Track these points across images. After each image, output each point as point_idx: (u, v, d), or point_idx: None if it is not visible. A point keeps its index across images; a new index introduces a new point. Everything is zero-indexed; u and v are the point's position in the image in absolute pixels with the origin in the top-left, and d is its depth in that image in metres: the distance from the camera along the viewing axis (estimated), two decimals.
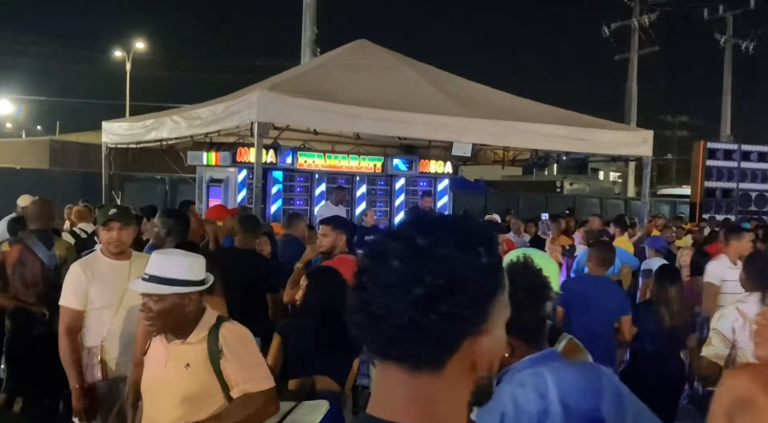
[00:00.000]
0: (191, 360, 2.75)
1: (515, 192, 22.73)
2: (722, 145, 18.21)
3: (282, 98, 8.28)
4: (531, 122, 9.71)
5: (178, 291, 2.70)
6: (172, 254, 2.85)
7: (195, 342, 2.77)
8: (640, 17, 26.31)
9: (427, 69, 11.01)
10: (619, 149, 10.75)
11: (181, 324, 2.76)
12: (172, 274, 2.71)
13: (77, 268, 3.98)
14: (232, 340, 2.76)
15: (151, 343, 2.94)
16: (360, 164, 12.25)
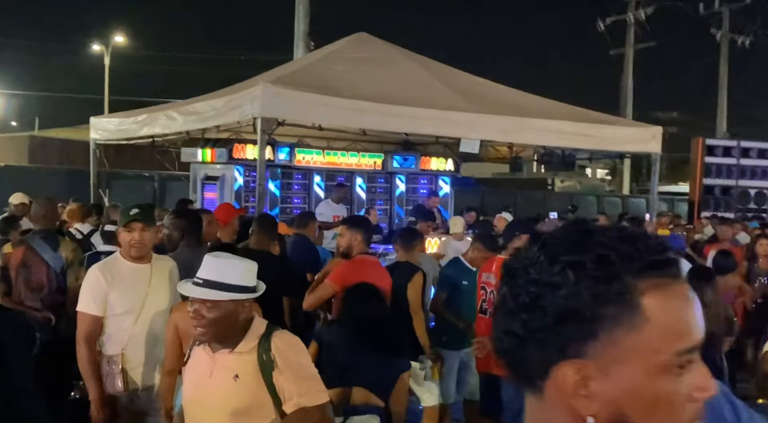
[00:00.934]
0: (240, 371, 2.60)
1: (509, 190, 22.68)
2: (721, 142, 18.27)
3: (287, 92, 8.11)
4: (539, 118, 9.61)
5: (236, 297, 2.56)
6: (228, 258, 2.71)
7: (245, 352, 2.62)
8: (636, 11, 26.38)
9: (430, 63, 10.88)
10: (628, 146, 10.67)
11: (231, 332, 2.61)
12: (229, 279, 2.57)
13: (96, 272, 3.83)
14: (286, 351, 2.61)
15: (191, 351, 2.78)
16: (360, 161, 12.11)
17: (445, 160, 12.61)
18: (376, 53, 10.35)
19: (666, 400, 0.90)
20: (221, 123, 9.12)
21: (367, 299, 3.60)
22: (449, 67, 11.06)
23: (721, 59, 28.32)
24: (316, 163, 11.68)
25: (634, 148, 10.83)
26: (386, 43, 11.03)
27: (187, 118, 9.57)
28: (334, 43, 11.16)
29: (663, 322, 0.90)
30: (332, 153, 11.83)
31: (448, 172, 12.80)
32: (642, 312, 0.89)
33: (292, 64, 11.44)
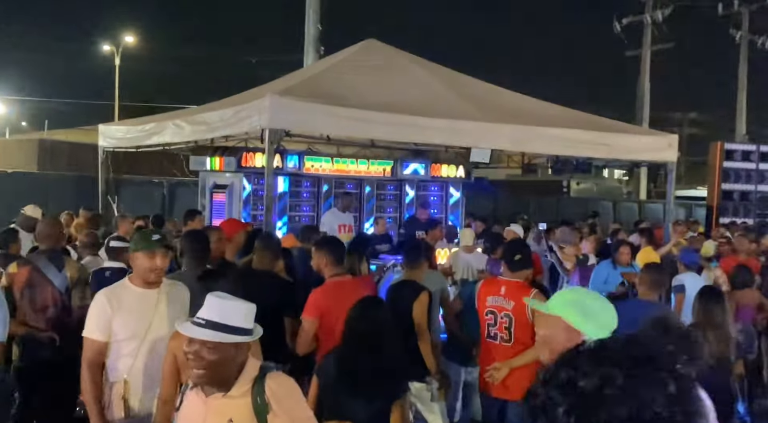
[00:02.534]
0: (234, 415, 2.59)
1: (523, 193, 22.59)
2: (740, 146, 18.16)
3: (294, 103, 8.10)
4: (552, 126, 9.56)
5: (238, 340, 2.56)
6: (230, 300, 2.68)
7: (238, 395, 2.60)
8: (653, 12, 26.21)
9: (440, 70, 10.85)
10: (643, 155, 10.60)
11: (226, 375, 2.61)
12: (231, 321, 2.56)
13: (102, 298, 3.84)
14: (280, 393, 2.61)
15: (183, 396, 2.78)
16: (369, 168, 12.09)
17: (455, 167, 12.57)
18: (385, 61, 10.34)
19: None
20: (229, 133, 9.13)
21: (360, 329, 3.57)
22: (459, 74, 11.02)
23: (740, 60, 28.10)
24: (325, 170, 11.67)
25: (650, 157, 10.76)
26: (396, 50, 11.01)
27: (195, 127, 9.59)
28: (343, 51, 11.15)
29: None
30: (341, 160, 11.82)
31: (459, 178, 12.75)
32: None
33: (300, 73, 11.45)
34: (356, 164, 11.99)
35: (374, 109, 8.51)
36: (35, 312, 5.02)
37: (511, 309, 4.76)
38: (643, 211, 21.64)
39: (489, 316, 4.84)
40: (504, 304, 4.79)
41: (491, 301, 4.83)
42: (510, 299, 4.77)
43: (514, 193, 22.91)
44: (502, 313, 4.79)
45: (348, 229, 10.70)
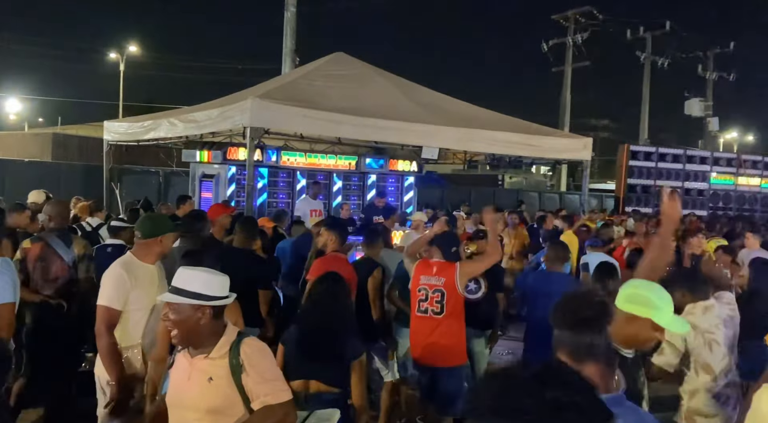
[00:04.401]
0: (214, 374, 2.51)
1: (465, 185, 22.66)
2: (643, 148, 18.45)
3: (272, 105, 7.97)
4: (489, 129, 9.58)
5: (188, 302, 2.48)
6: (194, 269, 2.62)
7: (217, 357, 2.53)
8: (574, 35, 26.39)
9: (398, 80, 10.78)
10: (563, 154, 10.70)
11: (197, 336, 2.52)
12: (188, 286, 2.50)
13: (122, 272, 3.66)
14: (252, 355, 2.52)
15: (175, 357, 2.69)
16: (337, 162, 11.98)
17: (410, 162, 12.53)
18: (351, 71, 10.23)
19: None
20: (216, 130, 8.95)
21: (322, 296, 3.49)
22: (414, 84, 10.97)
23: (644, 76, 28.52)
24: (299, 164, 11.52)
25: (569, 156, 10.86)
26: (360, 62, 10.90)
27: (186, 125, 9.39)
28: (314, 62, 11.01)
29: None
30: (313, 155, 11.69)
31: (413, 172, 12.73)
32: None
33: (278, 80, 11.25)
34: (326, 159, 11.87)
35: (341, 112, 8.42)
36: (46, 282, 4.84)
37: (442, 285, 4.63)
38: (563, 201, 21.88)
39: (421, 292, 4.65)
40: (435, 282, 4.64)
41: (423, 279, 4.65)
42: (441, 276, 4.65)
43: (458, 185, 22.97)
44: (433, 289, 4.63)
45: (318, 213, 10.58)
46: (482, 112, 10.64)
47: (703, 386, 3.67)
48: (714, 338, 3.67)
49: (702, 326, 3.69)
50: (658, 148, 17.90)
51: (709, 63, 29.74)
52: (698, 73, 29.78)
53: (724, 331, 3.67)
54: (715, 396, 3.60)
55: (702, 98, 29.29)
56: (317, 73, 10.00)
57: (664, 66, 28.16)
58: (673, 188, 3.46)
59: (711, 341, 3.67)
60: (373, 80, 10.18)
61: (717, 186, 17.83)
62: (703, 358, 3.67)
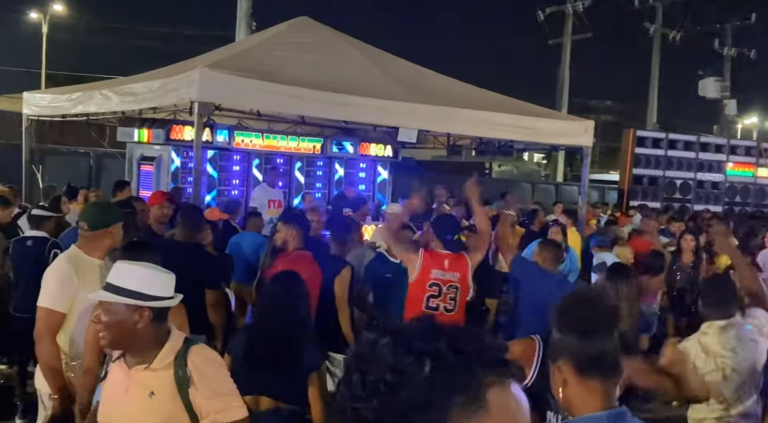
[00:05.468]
0: (156, 388, 2.49)
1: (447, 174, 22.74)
2: (651, 134, 18.71)
3: (225, 76, 7.87)
4: (476, 109, 9.61)
5: (124, 302, 2.46)
6: (133, 264, 2.60)
7: (160, 368, 2.51)
8: (575, 3, 26.65)
9: (371, 50, 10.74)
10: (560, 139, 10.79)
11: (132, 342, 2.51)
12: (125, 283, 2.48)
13: (68, 268, 3.62)
14: (202, 366, 2.51)
15: (108, 368, 2.67)
16: (299, 145, 11.96)
17: (384, 146, 12.55)
18: (317, 39, 10.17)
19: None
20: (157, 105, 8.85)
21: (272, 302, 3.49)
22: (389, 55, 10.95)
23: (653, 52, 28.91)
24: (255, 145, 11.47)
25: (567, 141, 10.95)
26: (328, 29, 10.84)
27: (122, 98, 9.25)
28: (275, 27, 10.92)
29: (499, 418, 0.92)
30: (271, 136, 11.64)
31: (387, 158, 12.74)
32: (485, 405, 0.91)
33: (231, 47, 11.15)
34: (286, 140, 11.83)
35: (305, 86, 8.36)
36: None
37: (457, 280, 4.80)
38: (560, 193, 22.12)
39: (433, 287, 4.80)
40: (450, 277, 4.81)
41: (436, 274, 4.80)
42: (455, 271, 4.81)
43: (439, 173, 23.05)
44: (447, 285, 4.79)
45: (277, 204, 10.56)
46: (468, 90, 10.67)
47: (711, 415, 3.74)
48: (729, 364, 3.70)
49: (714, 349, 3.73)
50: (668, 134, 18.19)
51: (727, 37, 30.23)
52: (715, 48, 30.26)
53: (742, 355, 3.71)
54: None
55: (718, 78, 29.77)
56: (277, 41, 9.93)
57: (676, 40, 28.56)
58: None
59: (724, 367, 3.71)
60: (342, 50, 10.14)
61: (734, 178, 18.17)
62: (715, 385, 3.71)
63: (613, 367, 1.98)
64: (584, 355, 1.94)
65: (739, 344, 3.73)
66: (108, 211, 4.01)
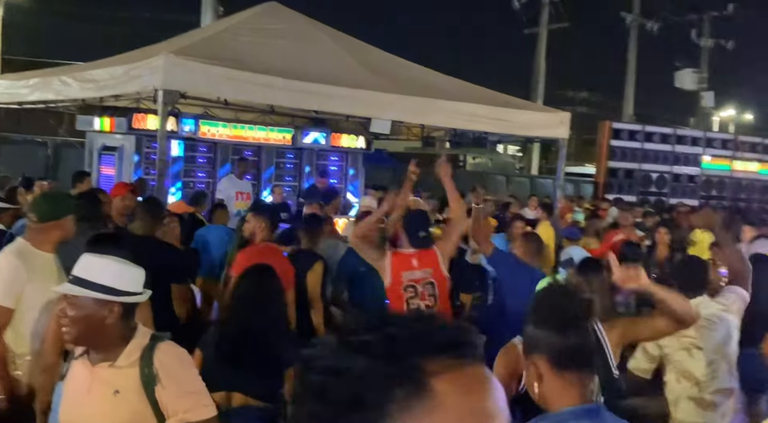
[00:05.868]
0: (121, 386, 2.48)
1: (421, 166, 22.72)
2: (627, 126, 18.94)
3: (190, 64, 7.79)
4: (451, 100, 9.64)
5: (94, 296, 2.43)
6: (103, 258, 2.58)
7: (125, 365, 2.49)
8: None
9: (343, 38, 10.71)
10: (536, 131, 10.89)
11: (99, 338, 2.49)
12: (94, 277, 2.45)
13: (16, 261, 3.56)
14: (169, 364, 2.50)
15: (70, 365, 2.64)
16: (268, 135, 11.89)
17: (356, 137, 12.54)
18: (287, 25, 10.11)
19: None
20: (120, 93, 8.73)
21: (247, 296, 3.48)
22: (362, 43, 10.92)
23: (630, 43, 29.20)
24: (221, 135, 11.39)
25: (543, 133, 11.06)
26: (299, 15, 10.78)
27: (83, 85, 9.12)
28: (242, 12, 10.83)
29: (454, 406, 0.84)
30: (239, 126, 11.56)
31: (359, 149, 12.73)
32: (432, 395, 0.84)
33: (196, 33, 11.03)
34: (255, 131, 11.77)
35: (274, 75, 8.31)
36: None
37: (431, 276, 4.80)
38: (534, 186, 22.30)
39: (409, 290, 4.77)
40: (422, 275, 4.79)
41: (407, 275, 4.77)
42: (426, 267, 4.80)
43: None
44: (422, 283, 4.79)
45: (245, 196, 10.51)
46: (443, 80, 10.70)
47: (684, 394, 3.87)
48: (693, 342, 3.83)
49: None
50: (644, 127, 18.44)
51: (705, 28, 30.66)
52: (692, 39, 30.67)
53: (706, 333, 3.82)
54: (699, 404, 3.79)
55: (696, 69, 30.21)
56: (245, 27, 9.85)
57: (653, 30, 28.88)
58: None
59: (690, 345, 3.83)
60: (313, 38, 10.10)
61: (710, 171, 18.48)
62: (682, 364, 3.85)
63: (589, 360, 2.02)
64: (560, 349, 1.97)
65: (703, 324, 3.84)
66: (59, 202, 3.95)
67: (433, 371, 0.85)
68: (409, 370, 0.85)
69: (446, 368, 0.86)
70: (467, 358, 0.88)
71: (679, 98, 33.13)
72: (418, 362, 0.85)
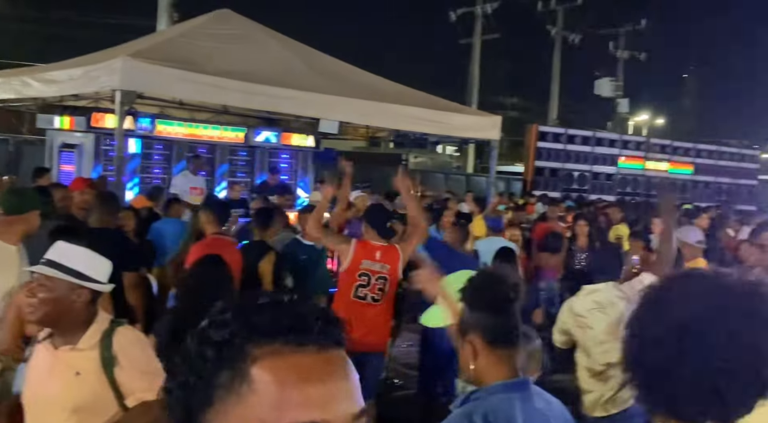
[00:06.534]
0: (82, 367, 2.43)
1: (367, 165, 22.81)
2: (552, 129, 19.29)
3: (146, 66, 7.65)
4: (394, 103, 9.69)
5: (68, 279, 2.40)
6: (75, 246, 2.55)
7: (86, 348, 2.45)
8: (484, 5, 27.08)
9: (292, 44, 10.63)
10: (470, 133, 11.02)
11: (63, 321, 2.43)
12: (70, 263, 2.42)
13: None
14: (128, 347, 2.46)
15: (32, 349, 2.57)
16: (222, 134, 11.71)
17: (306, 136, 12.46)
18: (239, 31, 9.98)
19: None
20: (79, 92, 8.52)
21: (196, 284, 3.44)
22: (311, 49, 10.86)
23: (555, 53, 29.76)
24: (177, 134, 11.16)
25: (477, 135, 11.19)
26: (250, 21, 10.66)
27: (43, 85, 8.86)
28: (197, 18, 10.65)
29: (270, 392, 0.79)
30: (194, 125, 11.36)
31: (309, 148, 12.68)
32: (249, 381, 0.79)
33: (152, 37, 10.80)
34: (209, 129, 11.58)
35: (227, 77, 8.22)
36: None
37: (387, 272, 4.77)
38: (470, 183, 22.56)
39: (362, 277, 4.75)
40: (380, 269, 4.76)
41: (366, 264, 4.75)
42: (386, 263, 4.78)
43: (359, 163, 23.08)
44: (377, 276, 4.75)
45: (199, 191, 10.33)
46: (386, 85, 10.73)
47: (582, 364, 4.10)
48: (586, 323, 4.04)
49: (575, 309, 4.14)
50: (567, 130, 18.80)
51: (621, 41, 31.48)
52: (609, 51, 31.46)
53: (599, 316, 4.00)
54: (592, 374, 4.00)
55: (612, 78, 30.99)
56: (199, 32, 9.68)
57: (575, 42, 29.50)
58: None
59: (583, 325, 4.06)
60: (264, 43, 10.00)
61: (625, 170, 18.98)
62: (579, 340, 4.10)
63: (518, 337, 2.07)
64: (495, 328, 2.02)
65: (596, 307, 4.03)
66: (24, 197, 3.86)
67: (255, 357, 0.80)
68: (233, 356, 0.80)
69: (270, 354, 0.80)
70: (304, 344, 0.81)
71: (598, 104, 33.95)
72: (244, 348, 0.80)
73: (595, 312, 4.02)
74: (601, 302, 4.03)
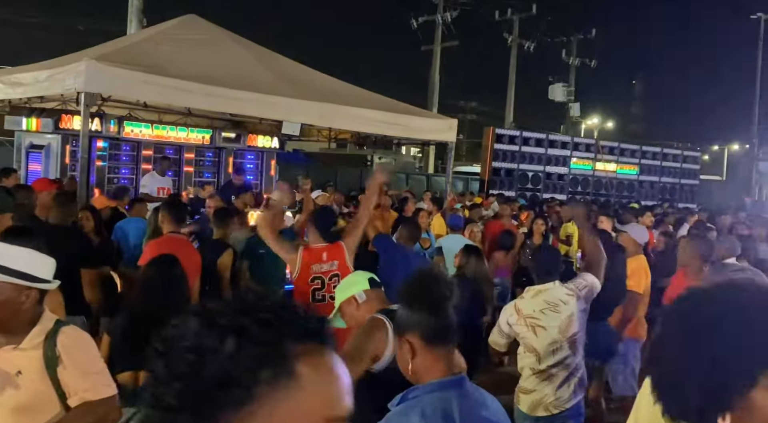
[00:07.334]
0: (24, 367, 2.32)
1: (333, 165, 22.71)
2: (507, 132, 19.39)
3: (111, 69, 7.47)
4: (354, 106, 9.62)
5: (13, 282, 2.28)
6: (15, 247, 2.42)
7: (29, 348, 2.33)
8: (444, 14, 27.14)
9: (256, 48, 10.50)
10: (428, 135, 11.01)
11: (12, 323, 2.32)
12: (10, 264, 2.29)
13: None
14: (71, 347, 2.36)
15: None
16: (188, 136, 11.51)
17: (270, 138, 12.32)
18: (204, 35, 9.82)
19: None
20: (44, 94, 8.28)
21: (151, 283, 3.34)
22: (274, 53, 10.75)
23: (511, 60, 29.98)
24: (144, 136, 10.94)
25: (434, 137, 11.19)
26: (215, 26, 10.50)
27: (8, 87, 8.60)
28: (163, 23, 10.45)
29: (315, 389, 0.83)
30: (161, 127, 11.14)
31: (274, 149, 12.54)
32: (296, 377, 0.83)
33: (119, 41, 10.56)
34: (176, 131, 11.38)
35: (192, 80, 8.07)
36: None
37: (337, 268, 4.67)
38: (430, 183, 22.58)
39: (315, 281, 4.62)
40: (329, 268, 4.65)
41: (316, 268, 4.62)
42: (333, 260, 4.68)
43: (325, 164, 22.96)
44: (329, 275, 4.64)
45: (166, 191, 10.14)
46: (347, 88, 10.66)
47: (527, 365, 3.99)
48: (538, 323, 3.92)
49: (525, 311, 3.97)
50: (522, 132, 18.92)
51: (573, 48, 31.88)
52: (562, 58, 31.84)
53: (553, 315, 3.93)
54: (537, 374, 3.92)
55: (565, 84, 31.37)
56: (165, 37, 9.50)
57: (530, 50, 29.76)
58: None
59: (534, 326, 3.93)
60: (229, 47, 9.85)
61: (576, 171, 19.19)
62: (528, 341, 3.97)
63: (454, 336, 2.02)
64: (432, 326, 1.96)
65: (547, 307, 3.94)
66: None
67: (298, 355, 0.84)
68: (278, 353, 0.83)
69: (308, 353, 0.84)
70: (326, 344, 0.87)
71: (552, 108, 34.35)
72: (287, 346, 0.83)
73: (548, 311, 3.91)
74: (552, 302, 3.93)
